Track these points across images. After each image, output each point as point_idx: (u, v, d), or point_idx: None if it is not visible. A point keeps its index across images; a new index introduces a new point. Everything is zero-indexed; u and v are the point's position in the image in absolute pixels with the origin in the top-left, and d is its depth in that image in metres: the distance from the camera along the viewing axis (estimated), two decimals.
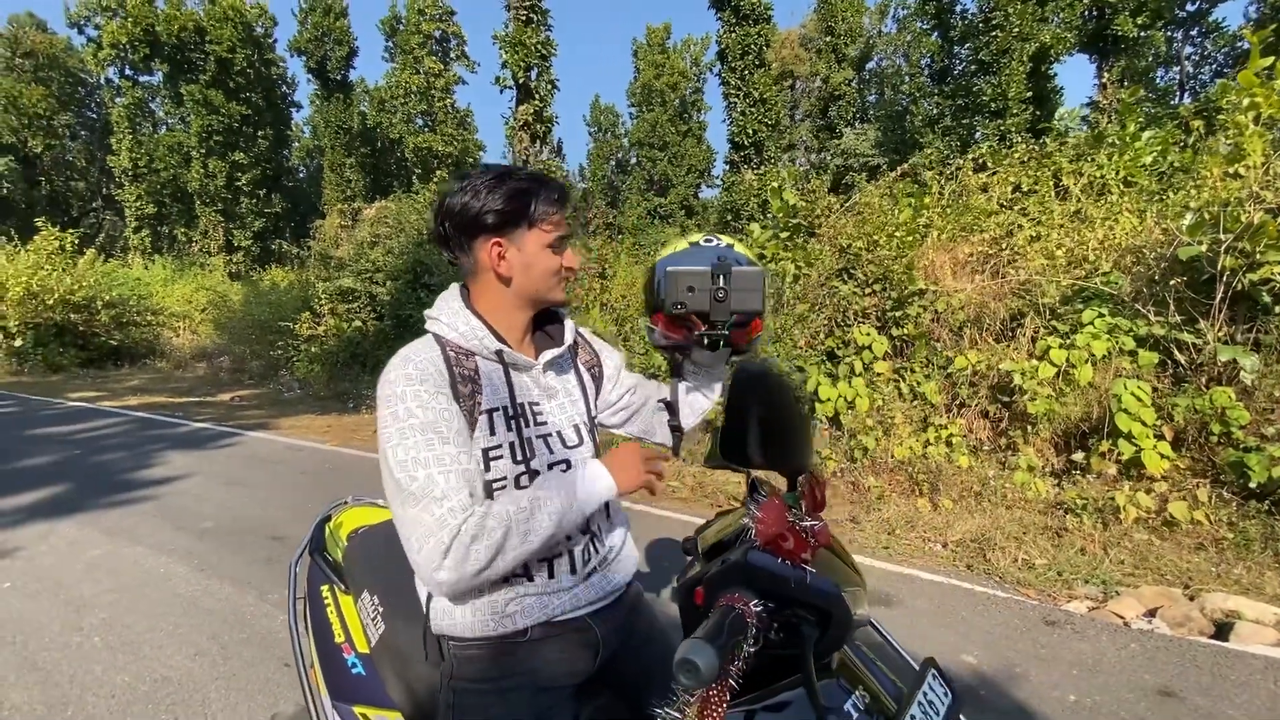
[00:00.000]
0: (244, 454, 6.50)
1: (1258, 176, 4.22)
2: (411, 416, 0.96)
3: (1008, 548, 3.58)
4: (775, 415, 0.96)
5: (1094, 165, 6.62)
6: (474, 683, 1.05)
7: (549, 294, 1.11)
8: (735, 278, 1.08)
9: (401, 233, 12.19)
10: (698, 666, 0.66)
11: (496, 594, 1.04)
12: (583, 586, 1.09)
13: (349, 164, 24.72)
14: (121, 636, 2.83)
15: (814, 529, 0.88)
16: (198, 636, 2.83)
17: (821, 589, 0.82)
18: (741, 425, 0.95)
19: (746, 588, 0.81)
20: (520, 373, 1.10)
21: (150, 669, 2.58)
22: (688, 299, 1.09)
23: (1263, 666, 2.40)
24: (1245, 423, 3.92)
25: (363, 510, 1.77)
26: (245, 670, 2.57)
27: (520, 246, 1.06)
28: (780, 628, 0.82)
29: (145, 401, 10.13)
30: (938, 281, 5.94)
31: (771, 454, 0.97)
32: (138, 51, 22.87)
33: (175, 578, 3.42)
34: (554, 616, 1.06)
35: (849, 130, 23.02)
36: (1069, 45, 15.92)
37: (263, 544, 3.90)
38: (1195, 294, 4.42)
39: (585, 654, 1.11)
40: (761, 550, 0.85)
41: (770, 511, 0.86)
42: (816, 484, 0.94)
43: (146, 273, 19.76)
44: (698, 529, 1.17)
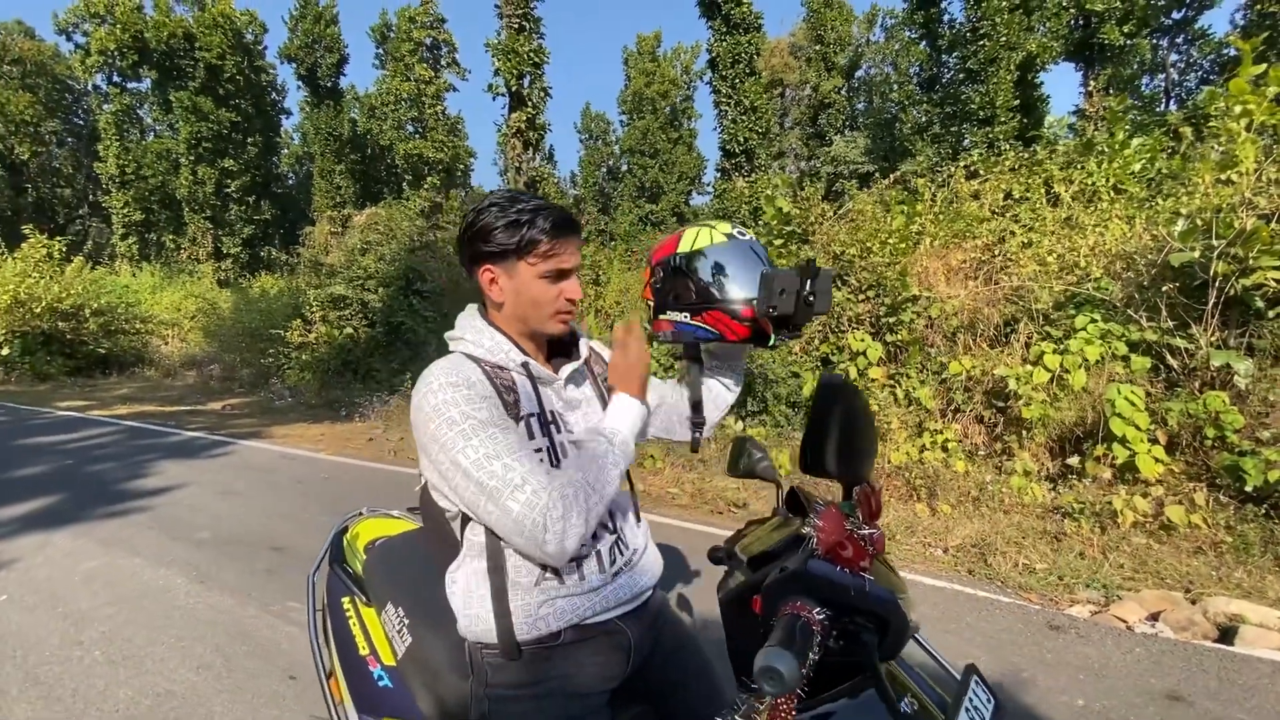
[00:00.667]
0: (238, 463, 6.44)
1: (1250, 182, 4.30)
2: (468, 418, 0.98)
3: (1008, 552, 3.61)
4: (853, 427, 0.97)
5: (1084, 173, 6.72)
6: (509, 689, 1.05)
7: (542, 326, 1.12)
8: (821, 279, 1.09)
9: (393, 239, 12.16)
10: (781, 674, 0.66)
11: (530, 598, 1.05)
12: (611, 587, 1.10)
13: (339, 171, 24.63)
14: (122, 650, 2.79)
15: (872, 537, 0.89)
16: (200, 649, 2.79)
17: (880, 596, 0.83)
18: (823, 436, 0.95)
19: (807, 596, 0.82)
20: (544, 385, 1.12)
21: (153, 683, 2.55)
22: (779, 302, 1.09)
23: (1270, 671, 2.42)
24: (1239, 426, 3.97)
25: (378, 522, 1.76)
26: (250, 683, 2.54)
27: (511, 275, 1.09)
28: (839, 635, 0.83)
29: (135, 410, 10.01)
30: (931, 288, 5.99)
31: (846, 464, 0.97)
32: (126, 58, 22.74)
33: (174, 589, 3.38)
34: (585, 619, 1.07)
35: (839, 138, 23.23)
36: (1055, 54, 16.16)
37: (262, 555, 3.86)
38: (1187, 299, 4.49)
39: (618, 657, 1.12)
40: (821, 559, 0.86)
41: (830, 520, 0.87)
42: (873, 494, 0.95)
43: (134, 280, 19.57)
44: (730, 538, 1.17)
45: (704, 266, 1.17)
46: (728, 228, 1.19)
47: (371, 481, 5.76)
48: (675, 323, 1.23)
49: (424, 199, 19.99)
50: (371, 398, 9.47)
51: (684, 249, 1.21)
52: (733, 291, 1.15)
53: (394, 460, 6.58)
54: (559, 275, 1.08)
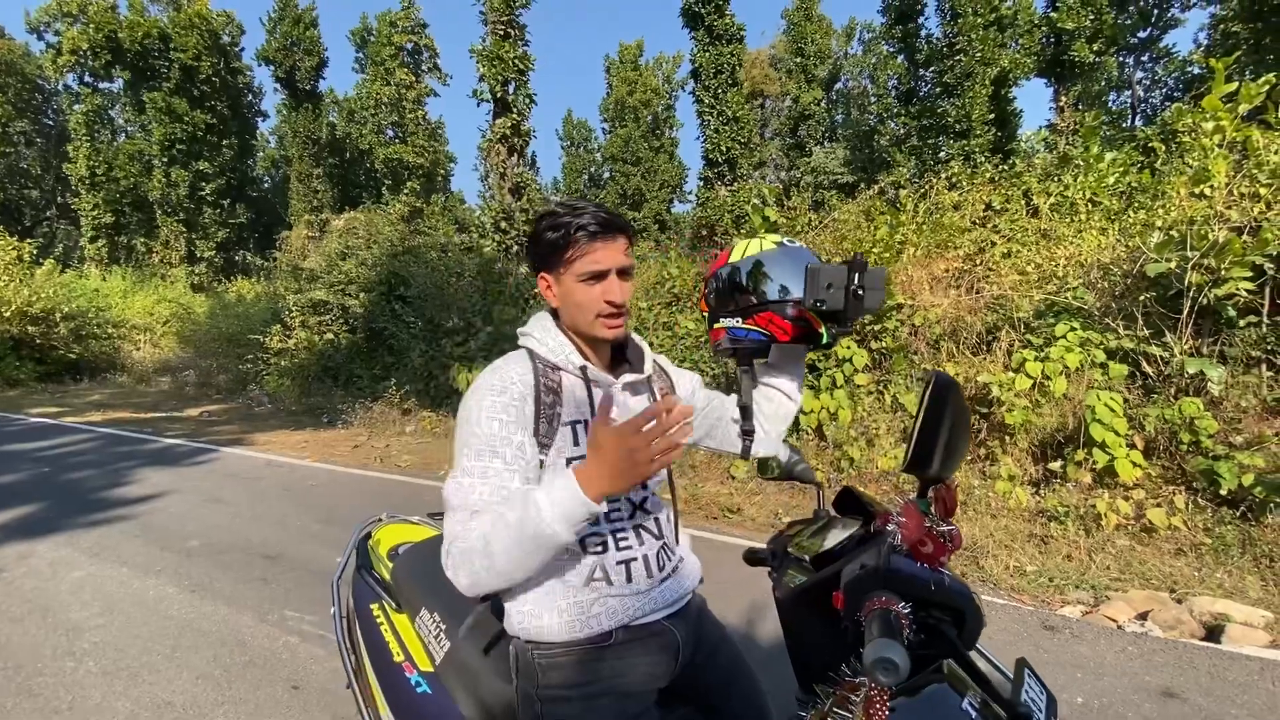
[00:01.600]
0: (221, 470, 6.32)
1: (1222, 196, 4.47)
2: (476, 424, 1.04)
3: (998, 555, 3.70)
4: (960, 425, 0.96)
5: (1060, 185, 6.93)
6: (561, 689, 1.07)
7: (590, 329, 1.12)
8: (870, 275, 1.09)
9: (374, 244, 12.04)
10: (896, 664, 0.69)
11: (582, 596, 1.08)
12: (658, 590, 1.14)
13: (316, 174, 24.32)
14: (117, 661, 2.73)
15: (950, 534, 0.92)
16: (197, 660, 2.75)
17: (958, 590, 0.87)
18: (935, 436, 0.94)
19: (889, 590, 0.85)
20: (600, 389, 1.15)
21: (151, 694, 2.50)
22: (826, 296, 1.09)
23: (1259, 668, 2.52)
24: (1213, 432, 4.11)
25: (398, 527, 1.76)
26: (252, 693, 2.51)
27: (559, 280, 1.12)
28: (919, 629, 0.86)
29: (110, 417, 9.76)
30: (915, 296, 6.11)
31: (948, 464, 0.96)
32: (99, 58, 22.24)
33: (166, 599, 3.31)
34: (635, 619, 1.10)
35: (818, 148, 23.58)
36: (1028, 70, 16.62)
37: (254, 563, 3.80)
38: (1163, 308, 4.65)
39: (666, 657, 1.15)
40: (902, 554, 0.89)
41: (911, 518, 0.91)
42: (949, 493, 0.96)
43: (105, 284, 19.08)
44: (773, 539, 1.20)
45: (754, 272, 1.20)
46: (778, 237, 1.23)
47: (360, 488, 5.69)
48: (728, 329, 1.25)
49: (404, 204, 19.86)
50: (354, 404, 9.36)
51: (735, 258, 1.24)
52: (782, 293, 1.18)
53: (380, 467, 6.52)
54: (597, 277, 1.09)
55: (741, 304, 1.23)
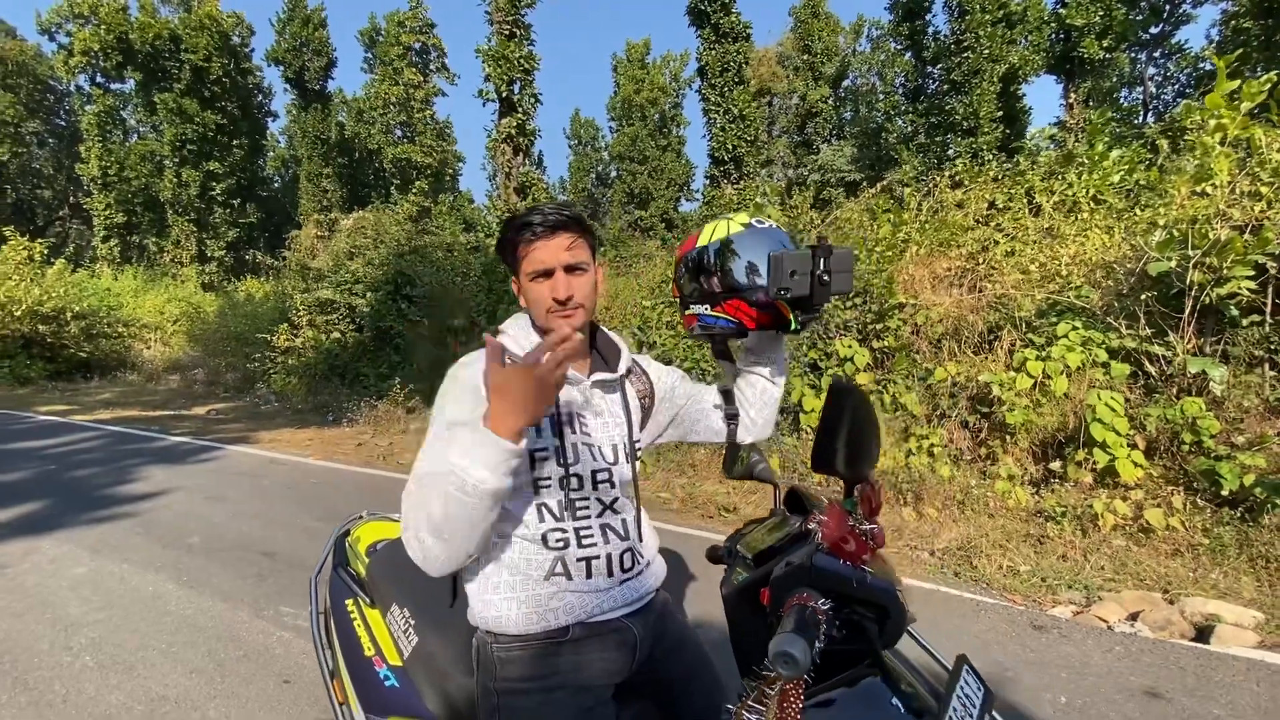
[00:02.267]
0: (226, 468, 6.39)
1: (1224, 195, 4.42)
2: (441, 411, 1.07)
3: (993, 555, 3.69)
4: (860, 428, 0.99)
5: (1064, 183, 6.87)
6: (518, 682, 1.09)
7: (546, 325, 1.14)
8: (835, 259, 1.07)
9: (381, 244, 12.13)
10: (795, 657, 0.70)
11: (540, 590, 1.10)
12: (619, 589, 1.15)
13: (326, 174, 24.50)
14: (113, 655, 2.77)
15: (873, 533, 0.94)
16: (192, 654, 2.79)
17: (881, 587, 0.88)
18: (833, 437, 0.98)
19: (811, 587, 0.87)
20: (570, 386, 1.16)
21: (145, 688, 2.54)
22: (791, 284, 1.08)
23: (1245, 668, 2.50)
24: (1215, 432, 4.08)
25: (379, 525, 1.78)
26: (244, 688, 2.54)
27: (520, 281, 1.16)
28: (842, 625, 0.87)
29: (118, 415, 9.88)
30: (917, 295, 6.09)
31: (852, 464, 0.99)
32: (110, 59, 22.49)
33: (165, 595, 3.36)
34: (592, 616, 1.12)
35: (826, 146, 23.49)
36: (1037, 67, 16.49)
37: (253, 560, 3.85)
38: (1165, 308, 4.60)
39: (623, 654, 1.16)
40: (826, 553, 0.91)
41: (833, 517, 0.92)
42: (874, 492, 0.99)
43: (116, 283, 19.31)
44: (730, 538, 1.21)
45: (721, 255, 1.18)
46: (745, 217, 1.20)
47: (362, 486, 5.74)
48: (699, 316, 1.25)
49: (412, 204, 19.98)
50: (359, 403, 9.43)
51: (703, 242, 1.22)
52: (750, 278, 1.16)
53: (383, 465, 6.57)
54: (544, 274, 1.10)
55: (707, 290, 1.21)
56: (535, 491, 1.10)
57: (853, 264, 1.09)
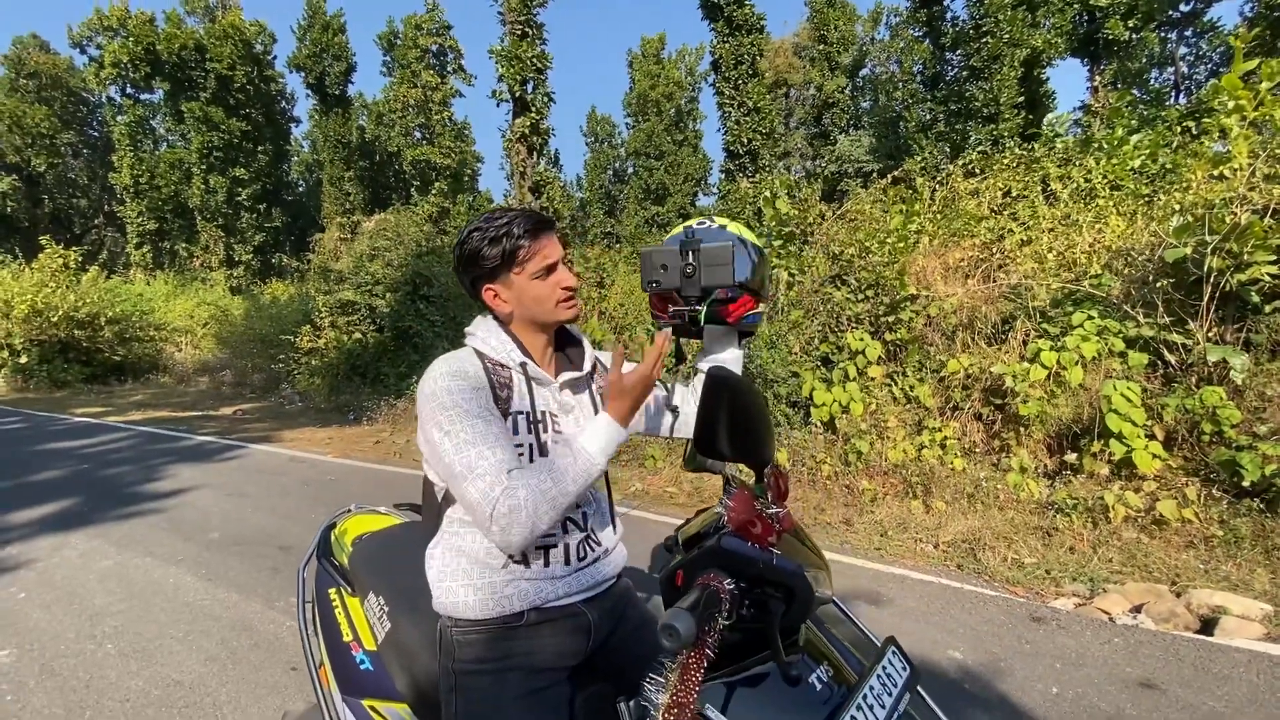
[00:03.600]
0: (248, 466, 6.58)
1: (1244, 178, 4.30)
2: (456, 406, 1.08)
3: (997, 547, 3.65)
4: (741, 414, 1.03)
5: (1082, 170, 6.72)
6: (474, 664, 1.14)
7: (550, 317, 1.21)
8: (704, 253, 1.12)
9: (400, 245, 12.31)
10: (677, 630, 0.74)
11: (495, 577, 1.14)
12: (574, 577, 1.19)
13: (348, 177, 24.92)
14: (133, 644, 2.90)
15: (779, 516, 0.98)
16: (207, 643, 2.90)
17: (785, 568, 0.91)
18: (713, 423, 1.02)
19: (720, 569, 0.90)
20: (540, 387, 1.21)
21: (162, 674, 2.66)
22: (660, 277, 1.14)
23: (1246, 660, 2.46)
24: (1237, 421, 3.97)
25: (365, 517, 1.85)
26: (254, 674, 2.64)
27: (508, 285, 1.19)
28: (751, 604, 0.91)
29: (150, 416, 10.22)
30: (929, 286, 6.01)
31: (739, 448, 1.03)
32: (139, 70, 23.15)
33: (184, 587, 3.50)
34: (548, 601, 1.16)
35: (843, 137, 23.20)
36: (1060, 50, 16.08)
37: (268, 553, 3.98)
38: (1184, 295, 4.49)
39: (578, 638, 1.21)
40: (733, 536, 0.94)
41: (740, 501, 0.95)
42: (780, 477, 1.03)
43: (148, 288, 19.92)
44: (677, 528, 1.25)
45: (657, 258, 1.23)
46: (692, 221, 1.26)
47: (375, 481, 5.88)
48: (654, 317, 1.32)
49: (432, 205, 20.23)
50: (379, 401, 9.61)
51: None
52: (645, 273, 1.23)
53: (399, 461, 6.71)
54: (548, 270, 1.18)
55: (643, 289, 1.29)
56: None
57: (730, 257, 1.12)
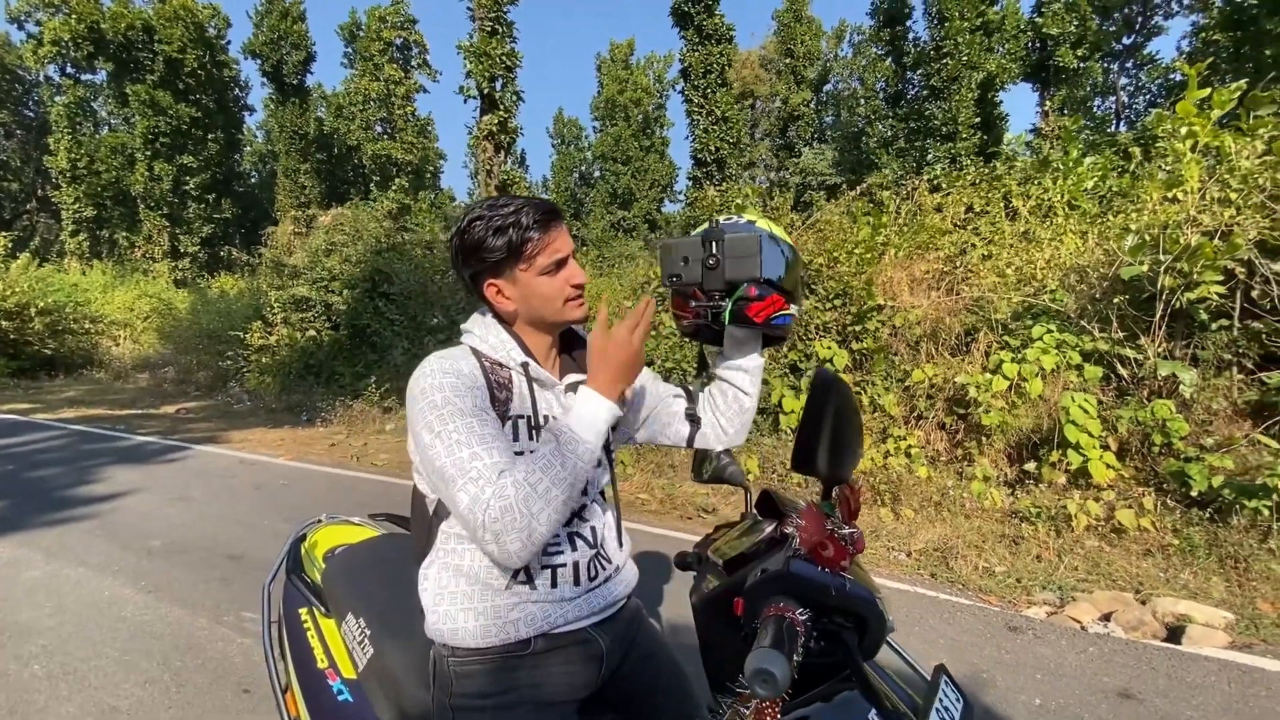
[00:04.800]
0: (193, 469, 6.22)
1: (1194, 201, 4.49)
2: (449, 404, 0.98)
3: (968, 556, 3.69)
4: (843, 424, 0.92)
5: (1040, 188, 6.95)
6: (474, 698, 1.03)
7: (558, 317, 1.11)
8: (729, 244, 1.03)
9: (359, 240, 11.93)
10: (774, 676, 0.65)
11: (499, 599, 1.03)
12: (584, 598, 1.09)
13: (304, 170, 24.11)
14: (63, 664, 2.66)
15: (852, 537, 0.88)
16: (147, 663, 2.68)
17: (861, 595, 0.83)
18: (818, 433, 0.91)
19: (788, 596, 0.81)
20: (543, 389, 1.11)
21: (97, 698, 2.44)
22: (681, 270, 1.05)
23: (1216, 668, 2.52)
24: (1185, 434, 4.13)
25: (338, 529, 1.71)
26: (200, 698, 2.45)
27: (514, 281, 1.08)
28: (820, 636, 0.82)
29: (83, 414, 9.60)
30: (895, 297, 6.11)
31: (834, 463, 0.92)
32: (81, 49, 21.93)
33: (122, 600, 3.24)
34: (556, 626, 1.06)
35: (807, 150, 23.64)
36: (1013, 74, 16.75)
37: (216, 563, 3.73)
38: (1137, 311, 4.66)
39: (590, 667, 1.11)
40: (804, 559, 0.85)
41: (811, 520, 0.86)
42: (853, 493, 0.93)
43: (84, 279, 18.80)
44: (700, 543, 1.17)
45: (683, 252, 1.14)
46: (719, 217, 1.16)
47: (334, 486, 5.62)
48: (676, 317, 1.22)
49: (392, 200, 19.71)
50: (334, 402, 9.26)
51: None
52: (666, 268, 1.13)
53: (357, 466, 6.44)
54: (558, 266, 1.08)
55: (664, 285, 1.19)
56: None
57: (757, 247, 1.03)
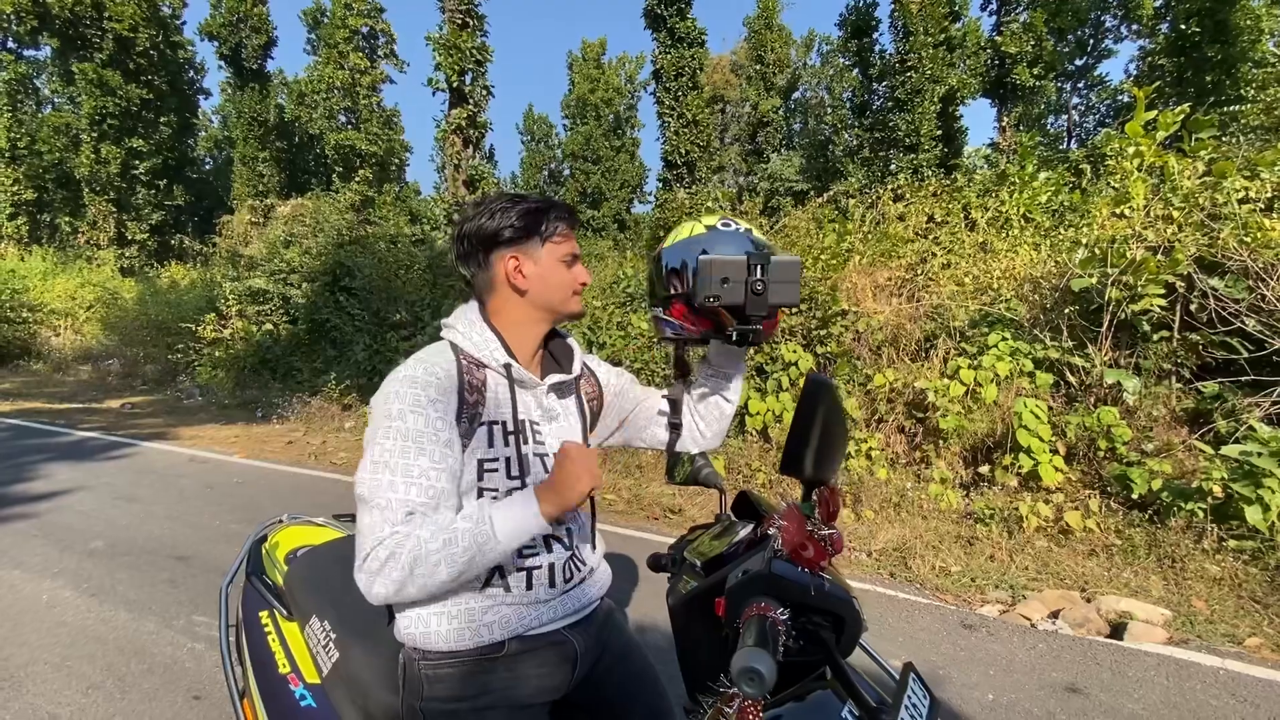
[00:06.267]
0: (139, 466, 5.97)
1: (1140, 218, 4.71)
2: (401, 419, 0.97)
3: (926, 556, 3.80)
4: (833, 427, 0.93)
5: (998, 201, 7.20)
6: (446, 702, 1.02)
7: (564, 306, 1.14)
8: (774, 269, 1.01)
9: (320, 232, 11.62)
10: (761, 675, 0.65)
11: (474, 603, 1.02)
12: (559, 600, 1.09)
13: (262, 158, 23.34)
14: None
15: (832, 538, 0.90)
16: (89, 669, 2.56)
17: (839, 596, 0.85)
18: (807, 436, 0.91)
19: (769, 596, 0.82)
20: (524, 391, 1.10)
21: (34, 707, 2.32)
22: (722, 291, 1.01)
23: (1156, 663, 2.64)
24: (1128, 439, 4.33)
25: (300, 529, 1.67)
26: (147, 705, 2.35)
27: (535, 260, 1.10)
28: (798, 635, 0.83)
29: (20, 407, 9.13)
30: (859, 303, 6.25)
31: (822, 465, 0.93)
32: (24, 24, 20.80)
33: (62, 604, 3.09)
34: (530, 629, 1.06)
35: (775, 155, 23.94)
36: (973, 90, 17.30)
37: (164, 564, 3.59)
38: (1085, 321, 4.86)
39: (563, 668, 1.11)
40: (784, 560, 0.86)
41: (793, 521, 0.88)
42: (833, 495, 0.94)
43: (22, 265, 17.84)
44: (675, 544, 1.17)
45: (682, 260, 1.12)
46: (713, 219, 1.15)
47: (291, 486, 5.46)
48: (657, 318, 1.20)
49: (355, 192, 19.26)
50: (291, 398, 9.01)
51: (668, 243, 1.17)
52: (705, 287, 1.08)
53: (315, 464, 6.27)
54: (572, 260, 1.13)
55: (659, 293, 1.18)
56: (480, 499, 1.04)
57: (799, 274, 1.03)
